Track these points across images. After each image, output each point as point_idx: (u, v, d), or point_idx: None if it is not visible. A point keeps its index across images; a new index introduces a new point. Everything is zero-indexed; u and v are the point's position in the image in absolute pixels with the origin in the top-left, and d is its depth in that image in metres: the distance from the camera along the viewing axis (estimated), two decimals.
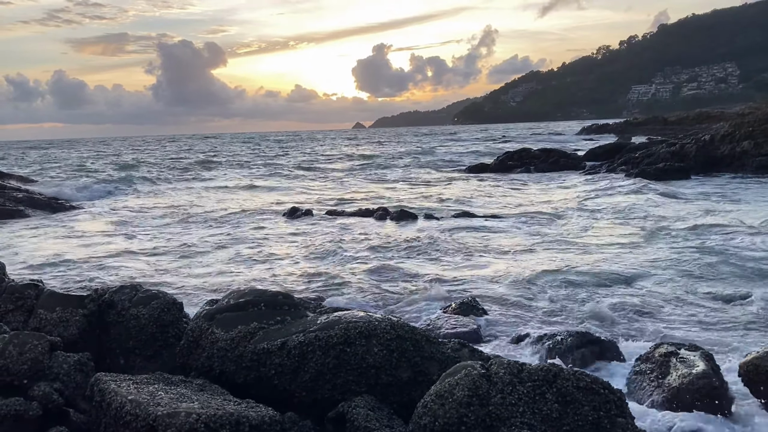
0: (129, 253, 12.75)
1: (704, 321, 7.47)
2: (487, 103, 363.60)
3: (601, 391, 3.80)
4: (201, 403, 3.97)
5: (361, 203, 20.86)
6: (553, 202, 19.09)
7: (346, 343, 4.59)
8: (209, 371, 4.92)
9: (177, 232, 15.68)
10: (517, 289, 9.05)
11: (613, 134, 61.52)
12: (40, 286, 6.07)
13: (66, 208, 21.25)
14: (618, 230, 13.66)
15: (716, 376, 5.06)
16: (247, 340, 4.84)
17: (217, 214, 19.00)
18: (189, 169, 41.52)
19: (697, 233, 12.47)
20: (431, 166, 40.04)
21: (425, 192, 24.15)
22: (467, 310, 7.88)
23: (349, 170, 38.09)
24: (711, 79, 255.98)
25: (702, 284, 9.00)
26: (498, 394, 3.78)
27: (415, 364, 4.69)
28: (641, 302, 8.23)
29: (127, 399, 3.92)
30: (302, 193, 25.46)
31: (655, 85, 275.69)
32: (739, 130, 24.48)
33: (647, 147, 31.43)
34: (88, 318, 5.71)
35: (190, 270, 11.09)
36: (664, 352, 5.43)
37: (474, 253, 11.80)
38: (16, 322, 5.63)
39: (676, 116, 69.68)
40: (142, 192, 27.40)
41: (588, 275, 9.67)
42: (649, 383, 5.23)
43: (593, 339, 6.29)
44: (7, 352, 4.71)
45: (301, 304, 5.51)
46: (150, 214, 19.73)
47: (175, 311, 5.83)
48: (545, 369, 3.87)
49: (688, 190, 19.91)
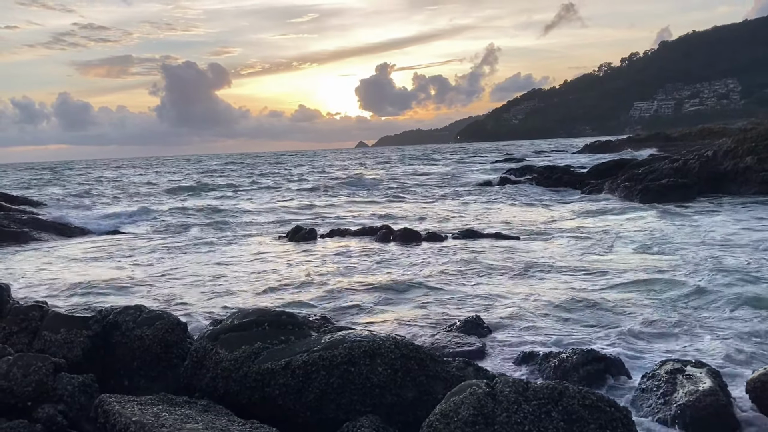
0: (128, 278, 12.76)
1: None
2: (489, 121, 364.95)
3: (607, 408, 3.78)
4: (205, 423, 3.96)
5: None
6: (556, 220, 19.07)
7: (350, 363, 4.58)
8: (213, 392, 4.91)
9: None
10: (521, 308, 9.02)
11: (615, 152, 61.60)
12: (44, 308, 6.08)
13: (74, 232, 21.30)
14: (615, 254, 13.62)
15: (723, 393, 5.03)
16: (251, 360, 4.84)
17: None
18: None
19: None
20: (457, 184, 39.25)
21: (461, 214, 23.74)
22: (472, 328, 7.86)
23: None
24: (713, 95, 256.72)
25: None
26: (503, 413, 3.76)
27: (419, 383, 4.67)
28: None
29: (131, 420, 3.91)
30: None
31: (657, 102, 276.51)
32: (742, 146, 24.47)
33: (650, 163, 31.42)
34: (93, 339, 5.72)
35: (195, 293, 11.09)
36: (670, 369, 5.40)
37: (478, 272, 11.78)
38: (20, 344, 5.64)
39: (679, 132, 69.75)
40: (155, 215, 27.39)
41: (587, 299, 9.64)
42: (656, 400, 5.19)
43: (599, 356, 6.26)
44: (12, 374, 4.71)
45: (305, 324, 5.51)
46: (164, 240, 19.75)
47: (179, 332, 5.83)
48: (551, 387, 3.86)
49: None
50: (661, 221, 17.37)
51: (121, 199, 35.63)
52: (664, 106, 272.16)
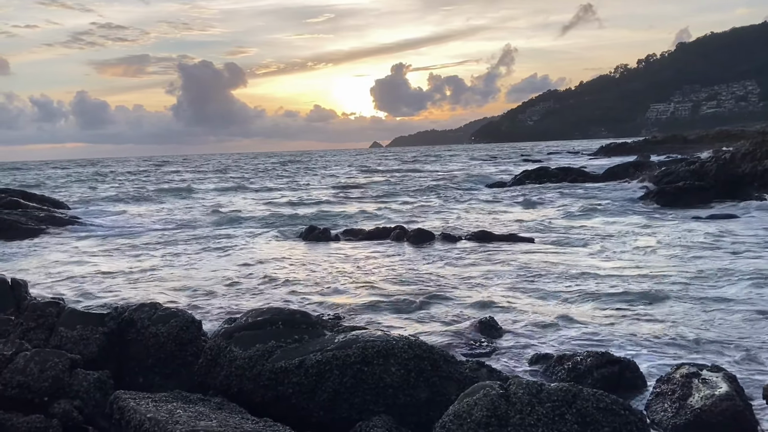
0: (148, 273, 12.85)
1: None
2: (504, 122, 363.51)
3: (621, 412, 3.75)
4: (219, 421, 3.98)
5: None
6: (575, 227, 18.93)
7: (363, 363, 4.58)
8: (227, 389, 4.93)
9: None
10: (535, 311, 8.98)
11: (632, 153, 61.10)
12: (61, 304, 6.13)
13: (95, 228, 21.51)
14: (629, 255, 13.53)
15: (740, 398, 4.97)
16: (264, 358, 4.85)
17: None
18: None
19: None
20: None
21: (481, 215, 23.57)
22: (485, 329, 7.84)
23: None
24: (731, 97, 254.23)
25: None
26: (517, 415, 3.74)
27: (433, 384, 4.66)
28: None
29: (146, 417, 3.94)
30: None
31: (674, 104, 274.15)
32: (760, 149, 24.18)
33: (666, 165, 31.19)
34: (108, 336, 5.76)
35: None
36: (685, 373, 5.34)
37: (491, 273, 11.75)
38: (37, 340, 5.69)
39: (696, 135, 69.16)
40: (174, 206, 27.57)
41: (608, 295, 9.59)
42: (671, 405, 5.14)
43: (613, 359, 6.22)
44: (29, 370, 4.76)
45: (319, 323, 5.52)
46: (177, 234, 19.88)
47: (194, 329, 5.86)
48: (565, 389, 3.84)
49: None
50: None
51: (143, 200, 35.87)
52: (681, 108, 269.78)
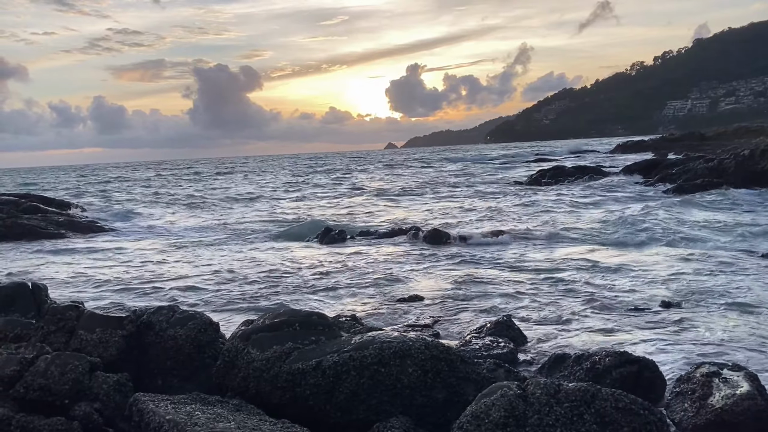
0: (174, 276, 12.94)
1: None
2: (519, 122, 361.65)
3: (640, 412, 3.72)
4: (237, 423, 4.00)
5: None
6: (585, 222, 18.82)
7: (380, 364, 4.58)
8: (245, 391, 4.95)
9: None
10: (550, 311, 8.94)
11: (648, 151, 60.48)
12: (80, 308, 6.20)
13: (115, 232, 21.72)
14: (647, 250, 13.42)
15: (762, 397, 4.91)
16: (282, 360, 4.87)
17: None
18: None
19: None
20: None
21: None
22: (503, 330, 7.79)
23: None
24: (749, 93, 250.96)
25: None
26: (535, 415, 3.73)
27: (450, 385, 4.65)
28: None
29: (165, 419, 3.97)
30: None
31: (691, 101, 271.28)
32: None
33: (684, 163, 30.90)
34: (127, 339, 5.81)
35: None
36: (705, 372, 5.29)
37: (505, 273, 11.71)
38: (57, 343, 5.76)
39: (714, 132, 68.33)
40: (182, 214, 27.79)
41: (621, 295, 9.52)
42: (691, 404, 5.09)
43: (632, 359, 6.15)
44: (49, 373, 4.82)
45: (336, 324, 5.53)
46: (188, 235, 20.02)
47: (212, 332, 5.90)
48: (583, 389, 3.81)
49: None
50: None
51: (159, 203, 36.16)
52: (698, 104, 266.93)
